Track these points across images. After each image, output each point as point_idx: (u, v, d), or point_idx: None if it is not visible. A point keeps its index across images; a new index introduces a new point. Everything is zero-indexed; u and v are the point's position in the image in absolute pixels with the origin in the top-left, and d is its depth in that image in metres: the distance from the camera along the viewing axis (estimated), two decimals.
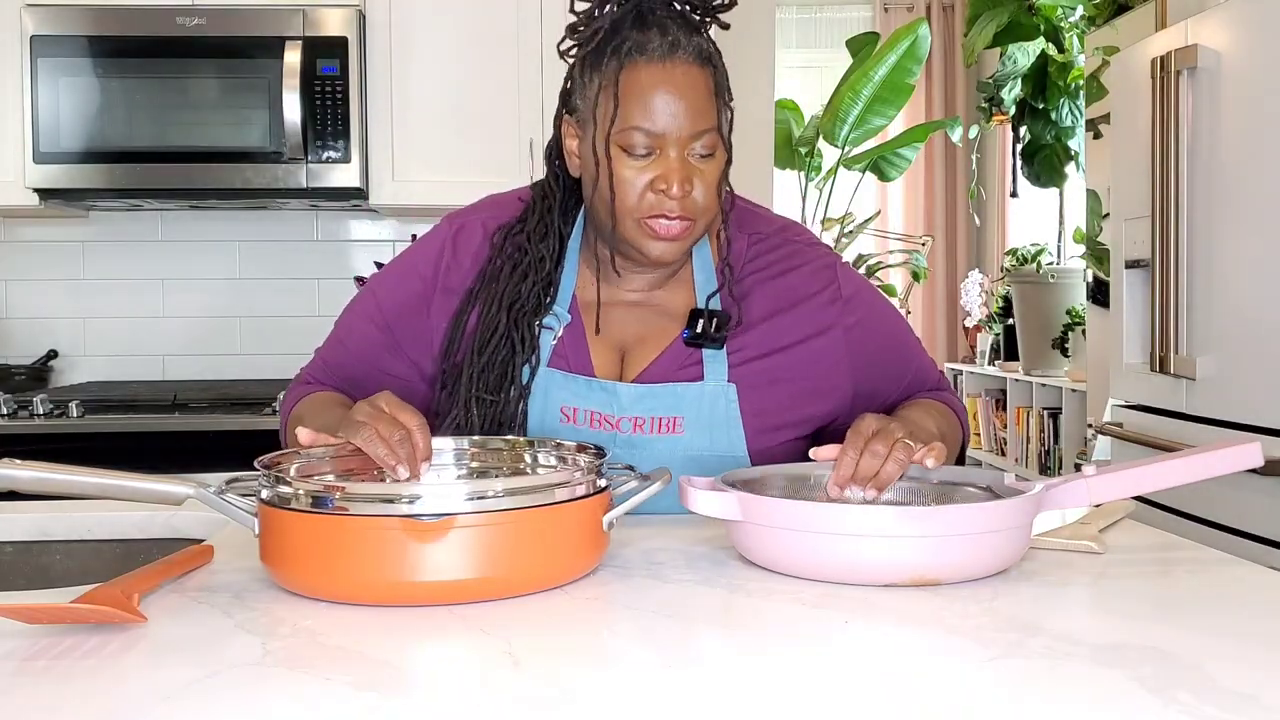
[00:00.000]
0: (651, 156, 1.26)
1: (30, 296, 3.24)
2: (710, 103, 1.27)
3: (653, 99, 1.25)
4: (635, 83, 1.25)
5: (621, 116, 1.25)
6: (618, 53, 1.27)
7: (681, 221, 1.27)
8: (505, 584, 0.98)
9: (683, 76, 1.25)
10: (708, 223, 1.31)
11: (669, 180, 1.25)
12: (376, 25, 2.94)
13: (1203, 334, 2.65)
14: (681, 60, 1.26)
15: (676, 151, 1.26)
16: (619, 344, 1.38)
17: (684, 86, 1.25)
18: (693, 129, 1.25)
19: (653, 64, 1.25)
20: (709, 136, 1.27)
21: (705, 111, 1.26)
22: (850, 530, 1.01)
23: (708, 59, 1.28)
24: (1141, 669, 0.80)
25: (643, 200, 1.26)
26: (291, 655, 0.85)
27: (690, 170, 1.26)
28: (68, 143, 2.83)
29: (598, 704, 0.74)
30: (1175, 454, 1.19)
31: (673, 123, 1.25)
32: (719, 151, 1.29)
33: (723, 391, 1.34)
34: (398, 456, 1.06)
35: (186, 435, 2.64)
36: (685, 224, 1.27)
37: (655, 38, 1.26)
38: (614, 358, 1.37)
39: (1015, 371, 5.25)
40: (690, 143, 1.26)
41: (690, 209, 1.27)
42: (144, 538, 1.34)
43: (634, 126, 1.25)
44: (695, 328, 1.35)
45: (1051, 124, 4.78)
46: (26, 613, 0.87)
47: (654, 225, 1.27)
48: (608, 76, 1.27)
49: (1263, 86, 2.44)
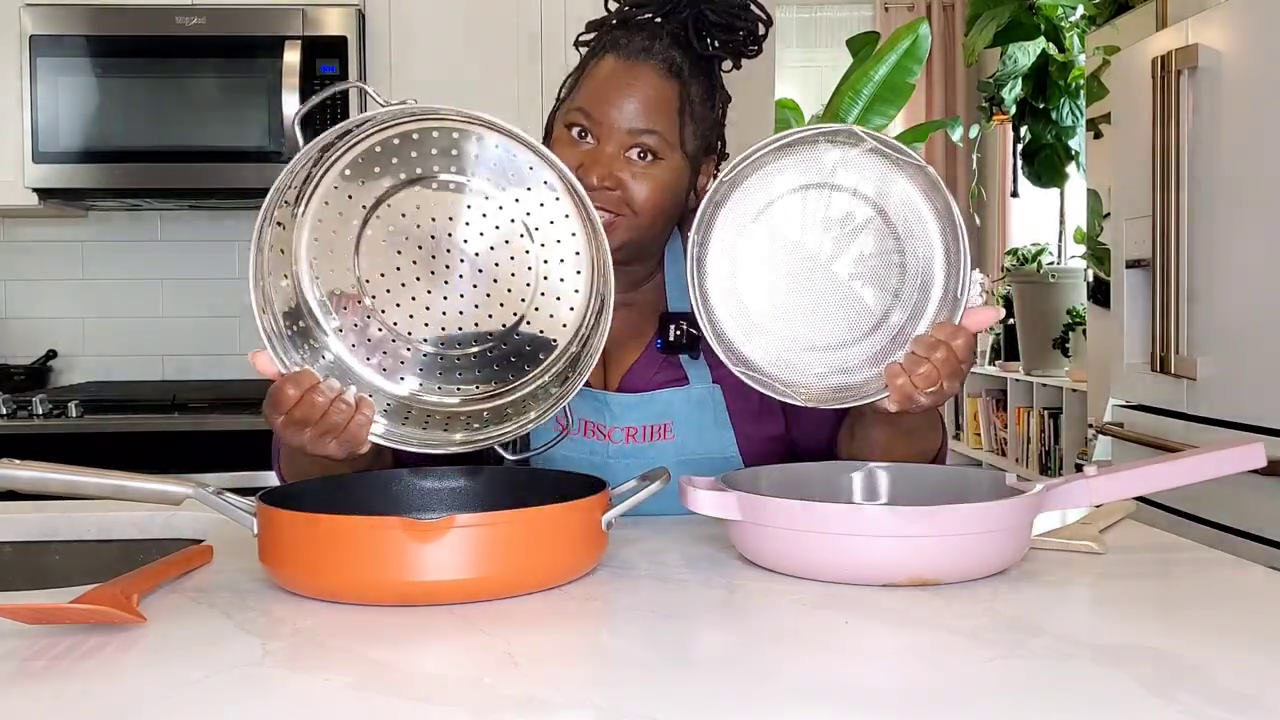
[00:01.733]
0: (589, 143, 1.29)
1: (29, 296, 3.24)
2: (663, 111, 1.29)
3: (605, 90, 1.29)
4: (597, 71, 1.31)
5: (573, 96, 1.32)
6: (599, 42, 1.33)
7: (604, 214, 1.25)
8: (505, 584, 0.98)
9: (640, 77, 1.29)
10: (643, 227, 1.30)
11: (591, 170, 1.26)
12: (376, 25, 2.94)
13: (1203, 334, 2.65)
14: (647, 64, 1.30)
15: (613, 147, 1.28)
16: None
17: (637, 86, 1.29)
18: (631, 126, 1.28)
19: (619, 60, 1.30)
20: (652, 139, 1.28)
21: (653, 116, 1.28)
22: (850, 530, 1.01)
23: (676, 73, 1.30)
24: (1142, 669, 0.79)
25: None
26: (291, 655, 0.85)
27: (619, 167, 1.28)
28: (67, 142, 2.83)
29: (598, 704, 0.74)
30: (1177, 454, 1.18)
31: (615, 115, 1.28)
32: (671, 162, 1.30)
33: (709, 394, 1.35)
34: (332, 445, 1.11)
35: (186, 435, 2.64)
36: (614, 215, 1.27)
37: (637, 39, 1.31)
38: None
39: (1016, 371, 5.25)
40: (629, 140, 1.28)
41: (612, 204, 1.27)
42: (143, 538, 1.34)
43: (579, 107, 1.30)
44: (668, 335, 1.35)
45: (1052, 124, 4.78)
46: (26, 613, 0.87)
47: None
48: (582, 61, 1.34)
49: (1263, 86, 2.44)
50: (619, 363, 1.38)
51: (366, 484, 1.18)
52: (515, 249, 1.19)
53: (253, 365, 1.14)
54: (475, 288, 1.19)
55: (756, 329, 1.23)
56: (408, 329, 1.20)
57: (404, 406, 1.19)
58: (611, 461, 1.32)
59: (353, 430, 1.12)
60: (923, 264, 1.22)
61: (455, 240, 1.18)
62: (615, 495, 1.07)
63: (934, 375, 1.15)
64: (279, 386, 1.12)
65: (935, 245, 1.22)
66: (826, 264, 1.23)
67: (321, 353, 1.18)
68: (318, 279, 1.18)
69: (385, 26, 2.94)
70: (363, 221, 1.17)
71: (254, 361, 1.14)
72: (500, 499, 1.16)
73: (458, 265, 1.19)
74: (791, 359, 1.23)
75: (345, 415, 1.11)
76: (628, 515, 1.06)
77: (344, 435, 1.12)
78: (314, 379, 1.11)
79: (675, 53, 1.31)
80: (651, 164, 1.29)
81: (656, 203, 1.29)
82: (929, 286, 1.22)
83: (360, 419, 1.12)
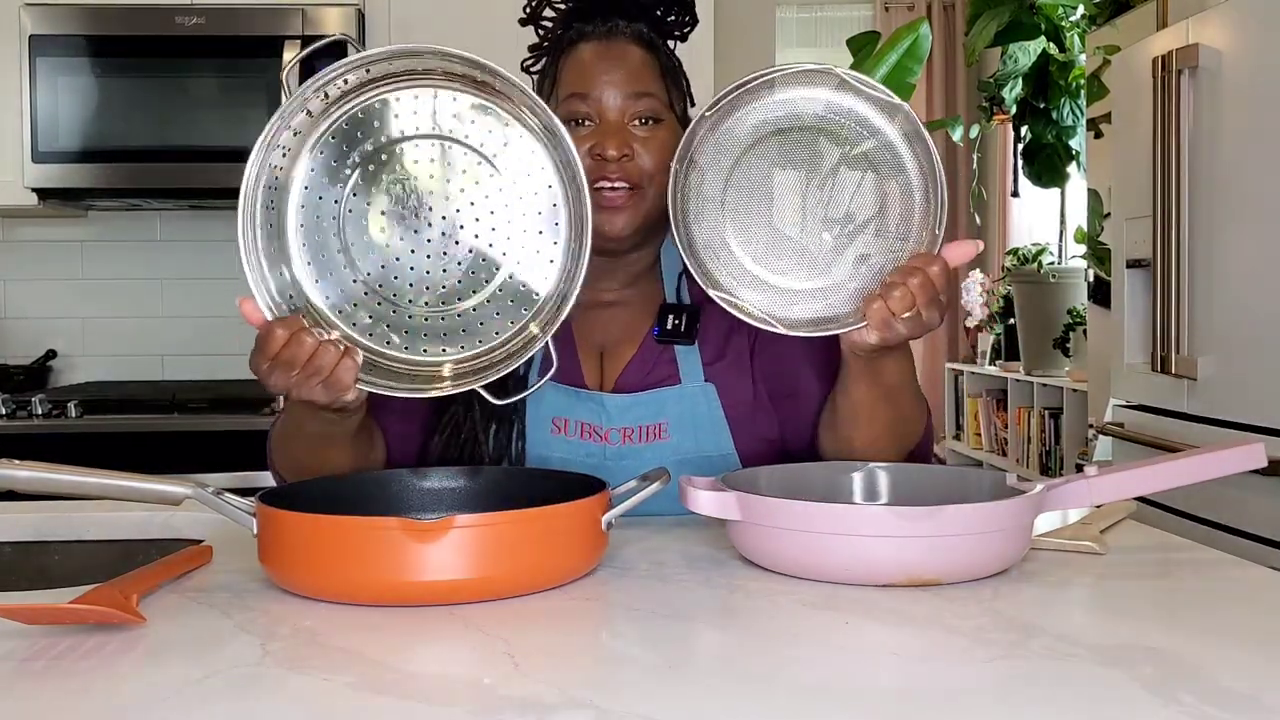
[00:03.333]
0: (592, 125, 1.31)
1: (29, 296, 3.24)
2: (650, 74, 1.34)
3: (589, 69, 1.32)
4: (574, 59, 1.34)
5: (561, 89, 1.33)
6: (560, 40, 1.35)
7: (625, 188, 1.29)
8: (505, 584, 0.98)
9: (619, 49, 1.33)
10: (658, 195, 1.30)
11: (605, 143, 1.29)
12: (376, 25, 2.94)
13: (1204, 334, 2.65)
14: (619, 38, 1.34)
15: (615, 117, 1.31)
16: (598, 346, 1.39)
17: (619, 58, 1.33)
18: (629, 91, 1.31)
19: (590, 42, 1.34)
20: (649, 102, 1.32)
21: (643, 79, 1.32)
22: (850, 530, 1.01)
23: (649, 42, 1.35)
24: (1142, 669, 0.79)
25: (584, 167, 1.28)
26: (291, 655, 0.85)
27: (628, 135, 1.31)
28: (66, 142, 2.83)
29: (598, 704, 0.73)
30: (1178, 454, 1.18)
31: (608, 88, 1.31)
32: (668, 124, 1.34)
33: (702, 392, 1.35)
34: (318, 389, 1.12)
35: (185, 435, 2.64)
36: (629, 192, 1.30)
37: (597, 24, 1.34)
38: (595, 361, 1.39)
39: (1016, 371, 5.24)
40: (628, 108, 1.31)
41: (632, 174, 1.30)
42: (142, 538, 1.34)
43: (572, 94, 1.32)
44: (665, 324, 1.36)
45: (1052, 123, 4.77)
46: (25, 613, 0.87)
47: (600, 196, 1.28)
48: (552, 65, 1.35)
49: (1263, 86, 2.44)
50: (614, 362, 1.38)
51: (366, 484, 1.18)
52: (494, 203, 1.20)
53: (240, 311, 1.16)
54: (457, 244, 1.21)
55: (742, 273, 1.25)
56: (392, 291, 1.21)
57: (387, 362, 1.20)
58: (608, 463, 1.32)
59: (339, 374, 1.12)
60: (901, 205, 1.24)
61: (436, 199, 1.21)
62: (615, 495, 1.07)
63: (909, 299, 1.16)
64: (268, 328, 1.13)
65: (914, 185, 1.24)
66: (807, 205, 1.25)
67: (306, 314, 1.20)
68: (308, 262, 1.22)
69: (385, 26, 2.94)
70: (349, 188, 1.21)
71: (241, 307, 1.16)
72: (500, 499, 1.16)
73: (439, 223, 1.21)
74: (774, 300, 1.24)
75: (333, 357, 1.11)
76: (628, 515, 1.06)
77: (331, 379, 1.12)
78: (302, 322, 1.13)
79: (639, 25, 1.35)
80: (654, 128, 1.32)
81: (666, 166, 1.29)
82: (908, 227, 1.24)
83: (347, 363, 1.12)
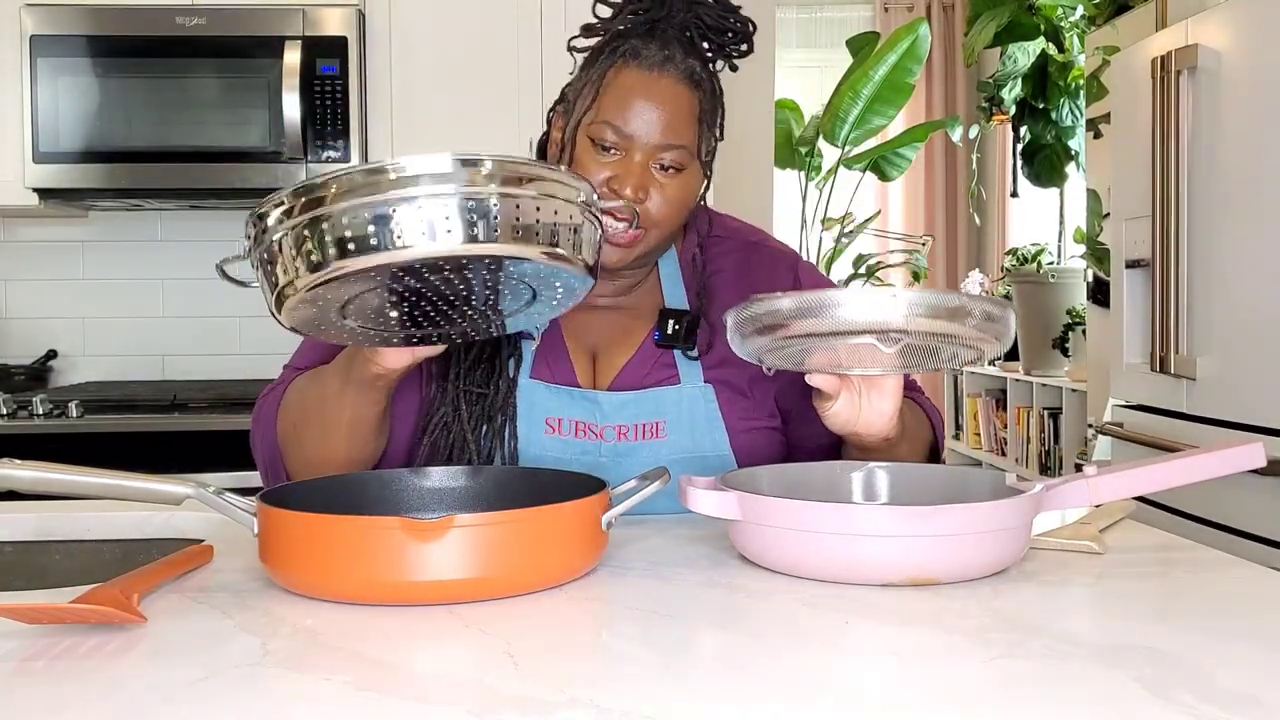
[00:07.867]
0: (615, 155, 1.29)
1: (30, 296, 3.24)
2: (688, 123, 1.30)
3: (631, 101, 1.28)
4: (620, 83, 1.29)
5: (597, 109, 1.29)
6: (615, 52, 1.30)
7: (632, 230, 1.27)
8: (505, 584, 0.98)
9: (667, 89, 1.28)
10: (662, 238, 1.32)
11: (624, 181, 1.27)
12: (376, 25, 2.94)
13: (1203, 334, 2.65)
14: (670, 74, 1.29)
15: (641, 157, 1.28)
16: (591, 348, 1.39)
17: (665, 99, 1.28)
18: (663, 140, 1.28)
19: (641, 70, 1.29)
20: (678, 153, 1.29)
21: (680, 129, 1.29)
22: (850, 530, 1.01)
23: (697, 83, 1.31)
24: (1142, 669, 0.79)
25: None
26: (291, 655, 0.85)
27: (649, 180, 1.28)
28: (67, 143, 2.83)
29: (598, 704, 0.74)
30: (1177, 454, 1.18)
31: (644, 129, 1.27)
32: (690, 171, 1.31)
33: (701, 393, 1.35)
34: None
35: (186, 435, 2.64)
36: (636, 234, 1.28)
37: (654, 49, 1.30)
38: (588, 363, 1.39)
39: (1015, 371, 5.24)
40: (657, 154, 1.28)
41: (641, 215, 1.27)
42: (143, 538, 1.34)
43: (606, 121, 1.28)
44: (666, 329, 1.36)
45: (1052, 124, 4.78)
46: (26, 613, 0.87)
47: (604, 224, 1.26)
48: (598, 70, 1.31)
49: (1263, 86, 2.44)
50: (610, 364, 1.38)
51: (366, 484, 1.18)
52: None
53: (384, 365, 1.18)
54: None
55: None
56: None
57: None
58: (604, 461, 1.32)
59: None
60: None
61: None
62: (615, 495, 1.07)
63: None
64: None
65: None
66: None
67: None
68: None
69: (385, 26, 2.94)
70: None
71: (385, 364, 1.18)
72: (500, 499, 1.16)
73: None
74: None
75: None
76: (627, 515, 1.06)
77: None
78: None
79: (693, 62, 1.31)
80: (674, 176, 1.30)
81: (677, 215, 1.31)
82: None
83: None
